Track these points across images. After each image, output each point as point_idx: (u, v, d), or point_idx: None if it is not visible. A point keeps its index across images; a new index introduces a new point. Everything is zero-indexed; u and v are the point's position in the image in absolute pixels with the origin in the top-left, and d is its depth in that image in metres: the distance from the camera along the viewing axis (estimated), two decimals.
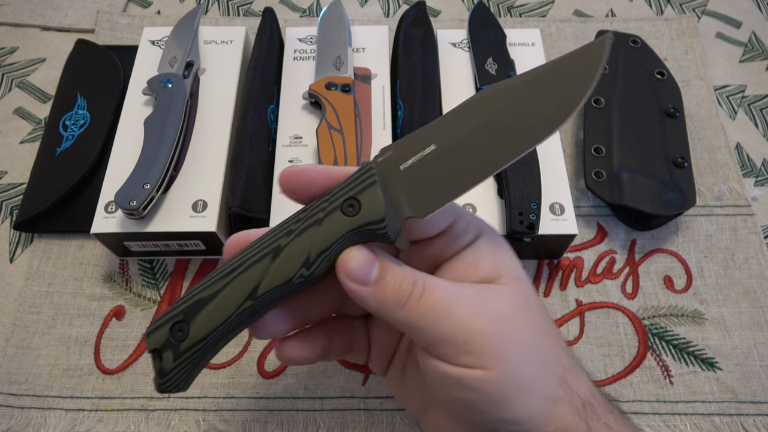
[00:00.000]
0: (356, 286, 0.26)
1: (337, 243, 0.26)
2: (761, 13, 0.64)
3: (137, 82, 0.51)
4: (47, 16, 0.63)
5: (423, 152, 0.27)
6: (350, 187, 0.26)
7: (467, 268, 0.28)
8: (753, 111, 0.57)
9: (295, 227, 0.26)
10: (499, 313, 0.27)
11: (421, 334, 0.26)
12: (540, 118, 0.27)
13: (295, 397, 0.43)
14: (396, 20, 0.56)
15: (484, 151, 0.27)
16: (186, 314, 0.26)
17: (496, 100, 0.27)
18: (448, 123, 0.28)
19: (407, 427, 0.42)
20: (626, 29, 0.61)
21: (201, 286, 0.26)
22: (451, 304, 0.26)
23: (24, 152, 0.55)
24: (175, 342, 0.26)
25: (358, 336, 0.34)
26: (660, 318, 0.46)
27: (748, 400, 0.43)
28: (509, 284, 0.28)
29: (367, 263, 0.26)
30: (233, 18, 0.63)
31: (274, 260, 0.26)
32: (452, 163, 0.27)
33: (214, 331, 0.26)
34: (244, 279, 0.26)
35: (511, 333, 0.26)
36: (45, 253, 0.49)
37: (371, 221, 0.26)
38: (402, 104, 0.49)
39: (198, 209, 0.44)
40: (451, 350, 0.26)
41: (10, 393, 0.43)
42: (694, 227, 0.50)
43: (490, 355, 0.25)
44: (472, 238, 0.29)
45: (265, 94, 0.49)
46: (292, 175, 0.27)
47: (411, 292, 0.26)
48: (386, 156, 0.28)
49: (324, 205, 0.26)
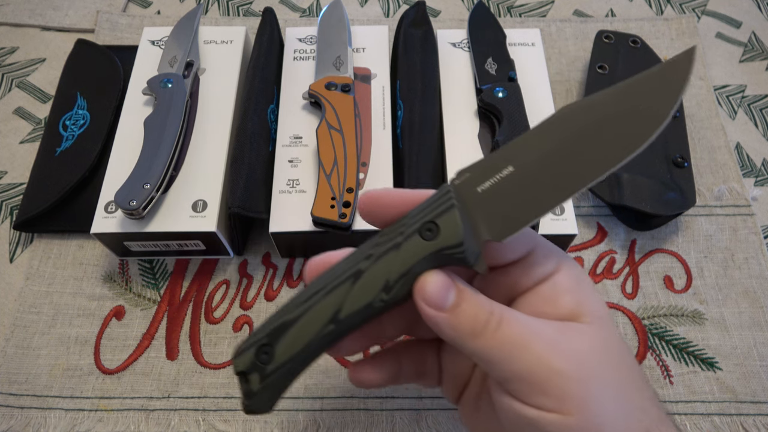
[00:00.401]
0: (432, 311, 0.25)
1: (416, 267, 0.26)
2: (761, 13, 0.64)
3: (137, 82, 0.51)
4: (47, 16, 0.63)
5: (500, 174, 0.27)
6: (428, 210, 0.26)
7: (546, 303, 0.27)
8: (753, 111, 0.57)
9: (375, 251, 0.26)
10: (581, 354, 0.25)
11: (496, 368, 0.25)
12: (623, 135, 0.25)
13: (295, 397, 0.43)
14: (396, 20, 0.56)
15: (564, 171, 0.26)
16: (271, 337, 0.27)
17: (576, 119, 0.26)
18: (526, 144, 0.27)
19: (407, 426, 0.42)
20: (626, 29, 0.61)
21: (285, 310, 0.27)
22: (530, 338, 0.24)
23: (24, 152, 0.55)
24: (261, 365, 0.27)
25: (428, 361, 0.33)
26: (660, 318, 0.46)
27: (748, 400, 0.43)
28: (593, 324, 0.26)
29: (444, 288, 0.25)
30: (233, 18, 0.63)
31: (354, 284, 0.26)
32: (531, 185, 0.26)
33: (298, 354, 0.27)
34: (326, 303, 0.26)
35: (594, 377, 0.24)
36: (45, 253, 0.49)
37: (450, 245, 0.25)
38: (402, 104, 0.49)
39: (198, 209, 0.44)
40: (527, 389, 0.24)
41: (10, 393, 0.43)
42: (694, 227, 0.50)
43: (570, 400, 0.24)
44: (550, 270, 0.27)
45: (265, 94, 0.49)
46: (371, 200, 0.28)
47: (487, 321, 0.25)
48: (463, 179, 0.27)
49: (402, 229, 0.26)
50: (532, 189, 0.26)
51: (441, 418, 0.42)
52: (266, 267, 0.48)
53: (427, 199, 0.27)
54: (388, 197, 0.27)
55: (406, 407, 0.42)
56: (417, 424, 0.42)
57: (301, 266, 0.48)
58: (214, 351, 0.45)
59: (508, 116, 0.47)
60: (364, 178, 0.45)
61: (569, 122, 0.27)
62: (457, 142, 0.48)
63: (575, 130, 0.26)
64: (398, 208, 0.27)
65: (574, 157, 0.26)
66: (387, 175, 0.45)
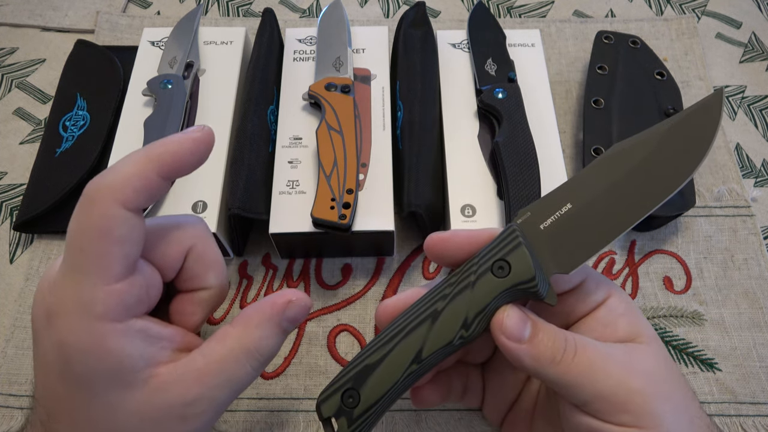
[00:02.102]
0: (512, 344, 0.27)
1: (492, 303, 0.27)
2: (761, 13, 0.64)
3: (137, 83, 0.51)
4: (47, 16, 0.63)
5: (560, 211, 0.29)
6: (497, 249, 0.28)
7: (605, 327, 0.29)
8: (753, 111, 0.57)
9: (449, 291, 0.28)
10: (651, 372, 0.27)
11: (577, 391, 0.27)
12: (669, 173, 0.29)
13: (295, 398, 0.43)
14: (396, 21, 0.56)
15: (619, 206, 0.29)
16: (355, 381, 0.28)
17: (628, 156, 0.30)
18: (581, 182, 0.30)
19: (407, 427, 0.42)
20: (626, 29, 0.61)
21: (366, 353, 0.28)
22: (606, 362, 0.27)
23: (24, 153, 0.55)
24: (347, 409, 0.28)
25: (472, 381, 0.36)
26: (659, 319, 0.46)
27: (747, 401, 0.43)
28: (650, 344, 0.29)
29: (521, 321, 0.27)
30: (233, 19, 0.63)
31: (433, 324, 0.28)
32: (589, 220, 0.29)
33: (384, 396, 0.28)
34: (408, 344, 0.28)
35: (664, 392, 0.27)
36: (45, 254, 0.49)
37: (523, 281, 0.27)
38: (402, 105, 0.49)
39: (198, 210, 0.44)
40: (608, 408, 0.26)
41: (10, 393, 0.43)
42: (693, 228, 0.50)
43: (648, 415, 0.26)
44: (603, 296, 0.30)
45: (265, 94, 0.49)
46: (440, 243, 0.29)
47: (565, 349, 0.27)
48: (525, 218, 0.29)
49: (474, 268, 0.28)
50: (591, 224, 0.29)
51: (441, 418, 0.42)
52: (266, 268, 0.48)
53: (493, 239, 0.29)
54: (456, 239, 0.29)
55: (406, 407, 0.42)
56: (417, 425, 0.42)
57: (301, 267, 0.48)
58: None
59: (508, 117, 0.47)
60: (364, 179, 0.45)
61: (621, 159, 0.30)
62: (457, 143, 0.48)
63: (627, 166, 0.29)
64: (465, 249, 0.29)
65: (626, 195, 0.29)
66: (387, 176, 0.45)
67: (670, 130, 0.29)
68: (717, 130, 0.29)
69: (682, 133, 0.29)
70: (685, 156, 0.29)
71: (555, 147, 0.47)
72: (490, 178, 0.46)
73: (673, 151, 0.29)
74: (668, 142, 0.29)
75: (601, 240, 0.29)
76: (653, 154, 0.29)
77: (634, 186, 0.29)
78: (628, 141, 0.30)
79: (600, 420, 0.27)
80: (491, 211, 0.45)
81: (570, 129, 0.55)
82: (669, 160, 0.29)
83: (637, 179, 0.29)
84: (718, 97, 0.29)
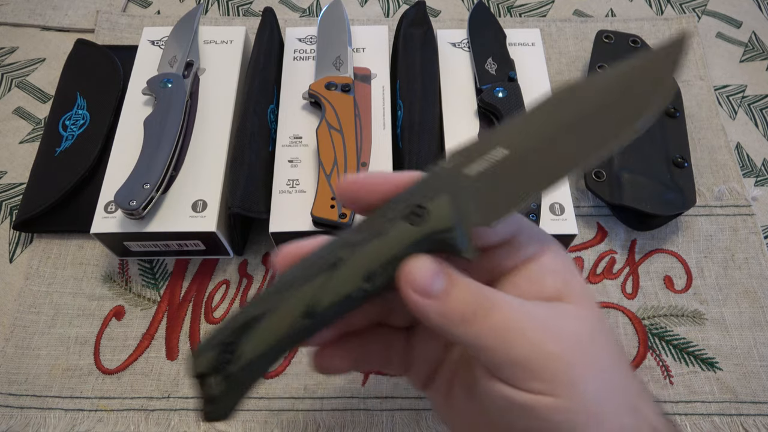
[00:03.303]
0: (419, 299, 0.24)
1: (402, 254, 0.24)
2: (761, 13, 0.64)
3: (137, 82, 0.51)
4: (47, 16, 0.63)
5: (490, 157, 0.25)
6: (416, 194, 0.25)
7: (531, 284, 0.26)
8: (753, 111, 0.57)
9: (356, 239, 0.24)
10: (573, 336, 0.24)
11: (489, 354, 0.24)
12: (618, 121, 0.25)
13: (295, 397, 0.43)
14: (396, 20, 0.56)
15: (557, 155, 0.25)
16: (236, 335, 0.24)
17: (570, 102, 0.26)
18: (517, 127, 0.26)
19: (407, 427, 0.42)
20: (626, 29, 0.61)
21: (252, 305, 0.24)
22: (524, 323, 0.24)
23: (24, 152, 0.55)
24: (224, 365, 0.24)
25: (397, 347, 0.31)
26: (660, 318, 0.46)
27: (748, 400, 0.42)
28: (580, 304, 0.26)
29: (433, 274, 0.24)
30: (233, 18, 0.63)
31: (332, 274, 0.24)
32: (521, 168, 0.25)
33: (266, 353, 0.24)
34: (301, 295, 0.24)
35: (585, 358, 0.24)
36: (45, 253, 0.49)
37: (439, 230, 0.24)
38: (402, 104, 0.49)
39: (198, 209, 0.44)
40: (521, 374, 0.23)
41: (10, 393, 0.43)
42: (694, 227, 0.50)
43: (564, 382, 0.23)
44: (534, 251, 0.27)
45: (265, 94, 0.49)
46: (353, 185, 0.26)
47: (479, 307, 0.24)
48: (452, 161, 0.26)
49: (387, 214, 0.24)
50: (523, 172, 0.25)
51: None
52: (266, 267, 0.48)
53: (414, 183, 0.25)
54: (372, 181, 0.26)
55: (406, 407, 0.42)
56: (417, 424, 0.42)
57: None
58: None
59: (508, 116, 0.47)
60: None
61: (562, 105, 0.26)
62: (457, 142, 0.48)
63: (569, 113, 0.26)
64: (383, 194, 0.25)
65: (568, 142, 0.25)
66: None
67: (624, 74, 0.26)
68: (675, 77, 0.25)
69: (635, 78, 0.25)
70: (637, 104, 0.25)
71: None
72: None
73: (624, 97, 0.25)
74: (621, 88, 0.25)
75: (530, 191, 0.25)
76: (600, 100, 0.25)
77: (575, 134, 0.25)
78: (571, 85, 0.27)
79: (511, 387, 0.24)
80: None
81: None
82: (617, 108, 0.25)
83: (579, 127, 0.25)
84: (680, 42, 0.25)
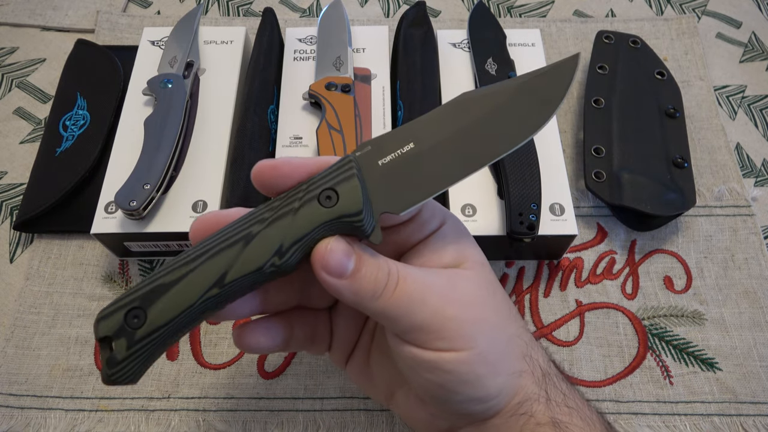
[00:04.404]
0: (333, 279, 0.26)
1: (312, 233, 0.26)
2: (761, 13, 0.64)
3: (137, 83, 0.51)
4: (47, 16, 0.63)
5: (402, 150, 0.28)
6: (328, 178, 0.26)
7: (433, 254, 0.30)
8: (753, 111, 0.57)
9: (269, 215, 0.26)
10: (468, 297, 0.28)
11: (396, 323, 0.27)
12: (513, 127, 0.28)
13: (295, 398, 0.43)
14: (396, 20, 0.56)
15: (462, 153, 0.28)
16: (143, 300, 0.25)
17: (475, 105, 0.29)
18: (428, 123, 0.29)
19: (406, 427, 0.42)
20: (626, 29, 0.61)
21: (162, 271, 0.25)
22: (425, 292, 0.27)
23: (24, 152, 0.55)
24: (129, 329, 0.24)
25: (320, 328, 0.33)
26: (660, 318, 0.46)
27: (747, 400, 0.43)
28: (474, 268, 0.29)
29: (345, 256, 0.26)
30: (233, 18, 0.63)
31: (245, 247, 0.25)
32: (430, 163, 0.28)
33: (174, 320, 0.25)
34: (212, 265, 0.25)
35: (480, 315, 0.28)
36: (45, 254, 0.49)
37: (348, 213, 0.26)
38: (402, 104, 0.49)
39: (198, 209, 0.44)
40: (425, 337, 0.27)
41: (10, 393, 0.43)
42: (694, 227, 0.50)
43: (462, 339, 0.27)
44: (437, 225, 0.30)
45: (265, 94, 0.49)
46: (267, 169, 0.27)
47: (386, 283, 0.26)
48: (365, 151, 0.28)
49: (300, 194, 0.26)
50: (431, 166, 0.28)
51: None
52: None
53: (327, 168, 0.27)
54: (287, 167, 0.27)
55: None
56: None
57: None
58: (214, 351, 0.45)
59: None
60: None
61: (469, 107, 0.29)
62: None
63: (475, 115, 0.29)
64: (296, 179, 0.27)
65: (473, 140, 0.28)
66: None
67: (522, 86, 0.29)
68: (566, 93, 0.28)
69: (533, 90, 0.29)
70: (533, 113, 0.28)
71: (555, 146, 0.47)
72: (490, 178, 0.46)
73: (522, 106, 0.28)
74: (518, 98, 0.28)
75: (437, 184, 0.28)
76: (502, 107, 0.28)
77: (479, 136, 0.28)
78: (478, 90, 0.29)
79: (418, 347, 0.27)
80: (492, 211, 0.45)
81: (570, 128, 0.55)
82: (516, 115, 0.28)
83: (483, 129, 0.28)
84: (574, 61, 0.29)
